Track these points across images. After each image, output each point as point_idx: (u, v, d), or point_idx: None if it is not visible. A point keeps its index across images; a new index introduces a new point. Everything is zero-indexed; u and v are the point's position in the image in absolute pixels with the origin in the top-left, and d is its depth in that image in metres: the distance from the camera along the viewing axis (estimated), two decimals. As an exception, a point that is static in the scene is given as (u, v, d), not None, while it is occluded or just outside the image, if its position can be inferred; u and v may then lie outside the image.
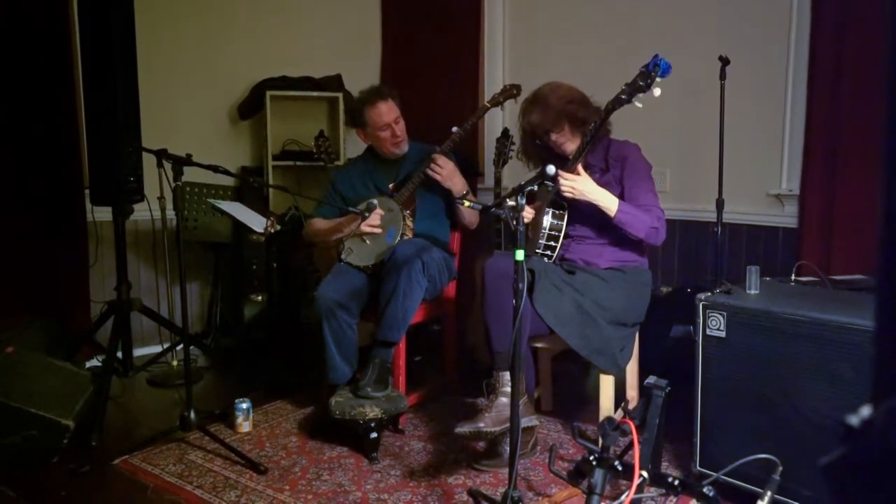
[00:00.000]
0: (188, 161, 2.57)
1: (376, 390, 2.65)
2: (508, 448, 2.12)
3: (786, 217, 3.17)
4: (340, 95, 4.15)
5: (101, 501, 2.35)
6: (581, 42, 3.76)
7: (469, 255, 3.44)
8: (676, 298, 3.10)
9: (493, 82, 4.05)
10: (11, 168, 3.31)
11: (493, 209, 2.14)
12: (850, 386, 1.91)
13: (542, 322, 2.45)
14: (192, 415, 2.61)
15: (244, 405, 2.87)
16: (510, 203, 2.04)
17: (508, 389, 2.28)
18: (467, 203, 2.28)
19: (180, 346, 3.46)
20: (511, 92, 2.96)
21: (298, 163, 4.06)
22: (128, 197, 3.16)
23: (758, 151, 3.23)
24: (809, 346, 1.99)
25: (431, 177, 2.94)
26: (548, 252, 2.65)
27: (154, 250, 3.76)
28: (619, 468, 1.87)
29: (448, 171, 2.95)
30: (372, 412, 2.57)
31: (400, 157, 3.12)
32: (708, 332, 2.21)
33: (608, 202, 2.53)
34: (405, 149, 3.12)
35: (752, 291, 2.25)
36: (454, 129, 2.94)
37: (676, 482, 1.87)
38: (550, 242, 2.65)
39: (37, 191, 3.38)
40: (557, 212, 2.65)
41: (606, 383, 2.59)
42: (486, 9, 4.08)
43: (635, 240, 2.60)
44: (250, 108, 4.07)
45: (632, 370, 2.75)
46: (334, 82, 4.19)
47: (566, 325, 2.46)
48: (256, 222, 3.36)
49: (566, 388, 3.26)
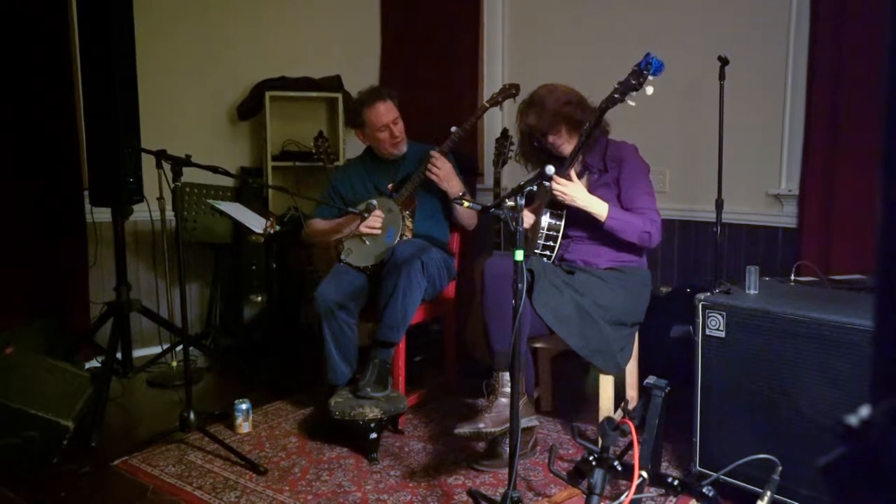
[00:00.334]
0: (187, 162, 2.57)
1: (376, 391, 2.65)
2: (508, 448, 2.12)
3: (785, 217, 3.17)
4: (340, 96, 4.15)
5: (101, 502, 2.34)
6: (580, 42, 3.76)
7: (468, 255, 3.44)
8: (676, 298, 3.10)
9: (492, 82, 4.04)
10: (10, 169, 3.31)
11: (493, 209, 2.14)
12: (850, 386, 1.91)
13: (541, 322, 2.45)
14: (192, 415, 2.61)
15: (244, 406, 2.87)
16: (509, 203, 2.04)
17: (508, 390, 2.28)
18: (466, 203, 2.26)
19: (180, 347, 3.45)
20: (510, 92, 2.96)
21: (298, 163, 4.06)
22: (127, 198, 3.17)
23: (757, 151, 3.23)
24: (809, 346, 1.99)
25: (429, 178, 2.94)
26: (546, 252, 2.65)
27: (153, 251, 3.76)
28: (619, 468, 1.87)
29: (445, 172, 2.95)
30: (372, 413, 2.57)
31: (399, 157, 3.13)
32: (707, 332, 2.21)
33: (598, 209, 2.53)
34: (404, 149, 3.12)
35: (752, 291, 2.25)
36: (453, 128, 2.94)
37: (676, 482, 1.88)
38: (549, 242, 2.65)
39: (36, 192, 3.38)
40: (556, 212, 2.65)
41: (606, 383, 2.59)
42: (486, 9, 4.08)
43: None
44: (250, 108, 4.06)
45: (631, 370, 2.75)
46: (334, 83, 4.19)
47: (565, 326, 2.46)
48: (256, 223, 3.36)
49: (566, 389, 3.26)
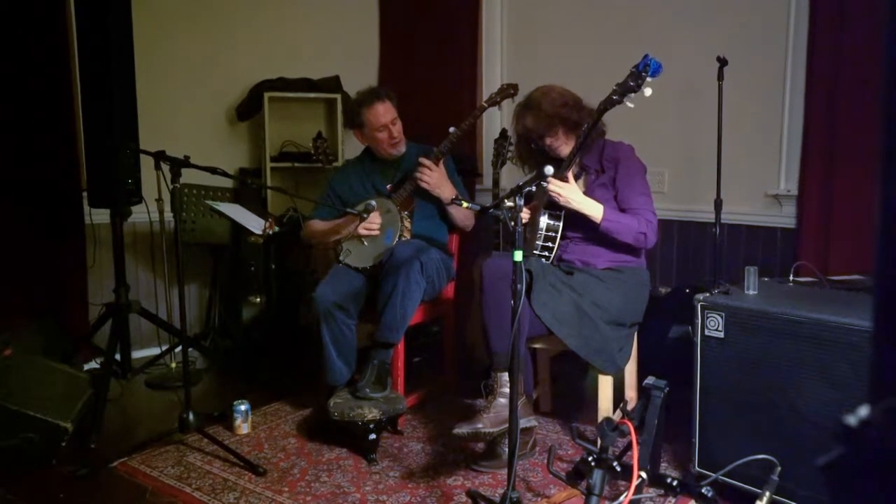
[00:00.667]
0: (186, 163, 2.56)
1: (375, 391, 2.65)
2: (507, 449, 2.12)
3: (784, 217, 3.17)
4: (338, 97, 4.15)
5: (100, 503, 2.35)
6: (579, 43, 3.76)
7: (467, 255, 3.44)
8: (675, 299, 3.09)
9: (491, 83, 4.05)
10: (9, 170, 3.31)
11: (492, 210, 2.14)
12: (848, 386, 1.91)
13: (540, 323, 2.45)
14: (191, 417, 2.61)
15: (243, 407, 2.87)
16: (508, 204, 2.04)
17: (507, 390, 2.28)
18: (465, 203, 2.26)
19: (179, 348, 3.44)
20: (508, 91, 2.95)
21: (296, 164, 4.06)
22: (126, 199, 3.16)
23: (756, 152, 3.24)
24: (808, 347, 1.99)
25: (421, 186, 2.93)
26: (545, 252, 2.65)
27: (152, 252, 3.76)
28: (618, 469, 1.87)
29: (435, 179, 2.93)
30: (371, 413, 2.57)
31: (398, 157, 3.12)
32: (706, 332, 2.21)
33: (593, 211, 2.53)
34: (403, 149, 3.11)
35: (751, 292, 2.25)
36: (451, 129, 2.94)
37: (675, 483, 1.88)
38: (548, 243, 2.64)
39: (34, 193, 3.37)
40: (554, 212, 2.65)
41: (605, 384, 2.59)
42: (484, 9, 4.09)
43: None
44: (248, 109, 4.06)
45: (630, 371, 2.75)
46: (332, 83, 4.19)
47: (564, 326, 2.46)
48: (255, 224, 3.35)
49: (565, 389, 3.26)
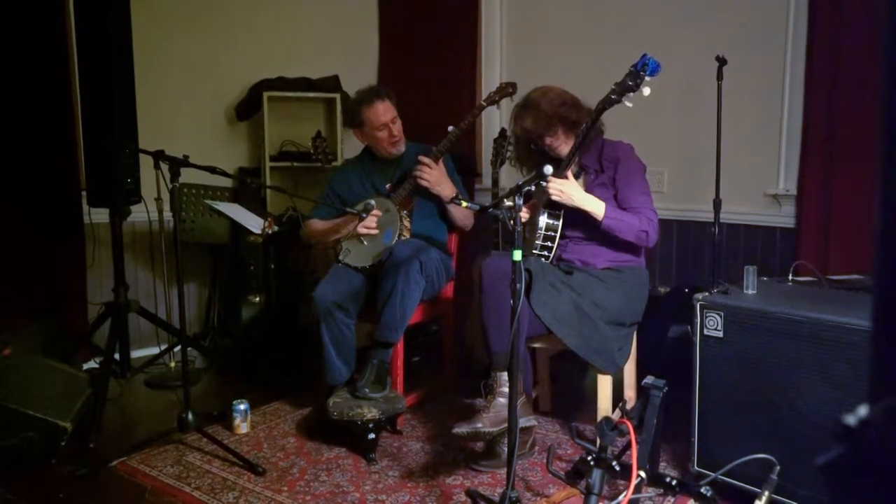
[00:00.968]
0: (185, 162, 2.56)
1: (374, 391, 2.65)
2: (506, 448, 2.12)
3: (783, 217, 3.17)
4: (338, 96, 4.15)
5: (99, 503, 2.34)
6: (578, 42, 3.76)
7: (467, 255, 3.44)
8: (674, 298, 3.10)
9: (490, 82, 4.04)
10: (8, 170, 3.31)
11: (491, 209, 2.14)
12: (848, 385, 1.91)
13: (539, 322, 2.46)
14: (190, 416, 2.61)
15: (242, 406, 2.87)
16: (507, 203, 2.04)
17: (506, 390, 2.28)
18: (465, 203, 2.26)
19: (178, 348, 3.45)
20: (507, 90, 2.95)
21: (296, 164, 4.06)
22: (125, 198, 3.16)
23: (755, 151, 3.24)
24: (807, 346, 1.99)
25: (419, 184, 2.93)
26: (545, 252, 2.65)
27: (151, 252, 3.76)
28: (617, 468, 1.87)
29: (435, 177, 2.93)
30: (370, 413, 2.57)
31: (397, 157, 3.12)
32: (705, 331, 2.22)
33: (595, 208, 2.53)
34: (402, 149, 3.11)
35: (750, 291, 2.25)
36: (450, 128, 2.94)
37: (674, 482, 1.88)
38: (547, 243, 2.64)
39: (34, 192, 3.37)
40: (554, 212, 2.65)
41: (604, 383, 2.59)
42: (484, 9, 4.09)
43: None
44: (248, 109, 4.06)
45: (629, 370, 2.75)
46: (331, 83, 4.19)
47: (564, 325, 2.46)
48: (254, 223, 3.35)
49: (564, 389, 3.26)
